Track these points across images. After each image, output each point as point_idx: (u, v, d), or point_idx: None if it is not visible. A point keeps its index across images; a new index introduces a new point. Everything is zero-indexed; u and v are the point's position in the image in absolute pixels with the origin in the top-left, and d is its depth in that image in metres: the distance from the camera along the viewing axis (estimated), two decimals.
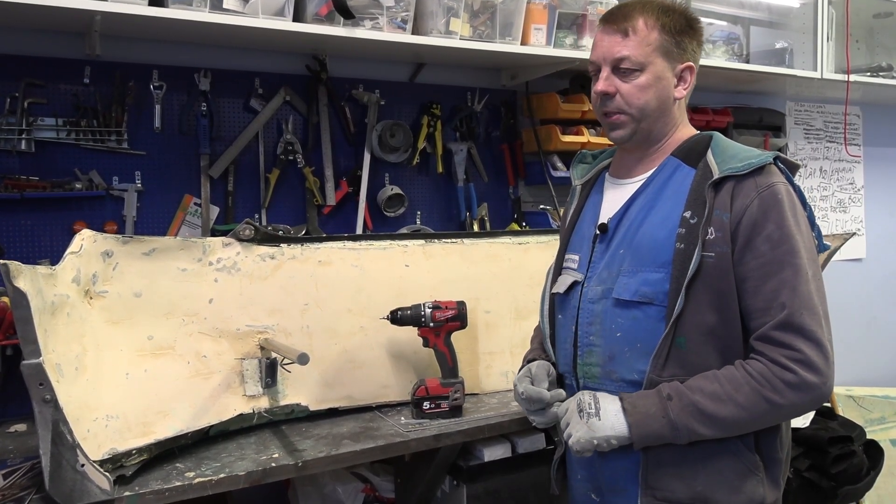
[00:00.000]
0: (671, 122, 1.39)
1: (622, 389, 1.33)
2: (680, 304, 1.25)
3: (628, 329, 1.32)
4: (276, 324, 1.74)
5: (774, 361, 1.20)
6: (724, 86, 2.99)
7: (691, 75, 1.37)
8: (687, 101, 1.42)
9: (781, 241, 1.23)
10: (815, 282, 1.24)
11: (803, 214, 1.29)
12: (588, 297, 1.39)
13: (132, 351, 1.54)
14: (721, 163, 1.31)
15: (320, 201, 2.20)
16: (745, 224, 1.25)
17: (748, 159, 1.29)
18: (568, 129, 2.46)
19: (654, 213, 1.34)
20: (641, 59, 1.32)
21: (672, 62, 1.35)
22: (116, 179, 1.96)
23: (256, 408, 1.68)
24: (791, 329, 1.20)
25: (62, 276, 1.40)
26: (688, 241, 1.26)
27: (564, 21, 2.26)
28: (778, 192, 1.26)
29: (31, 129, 1.85)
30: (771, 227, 1.23)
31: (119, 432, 1.42)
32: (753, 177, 1.27)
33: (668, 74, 1.34)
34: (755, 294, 1.23)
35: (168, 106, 2.02)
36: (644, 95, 1.34)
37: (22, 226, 1.86)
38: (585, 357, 1.39)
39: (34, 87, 1.86)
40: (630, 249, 1.34)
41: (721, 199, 1.27)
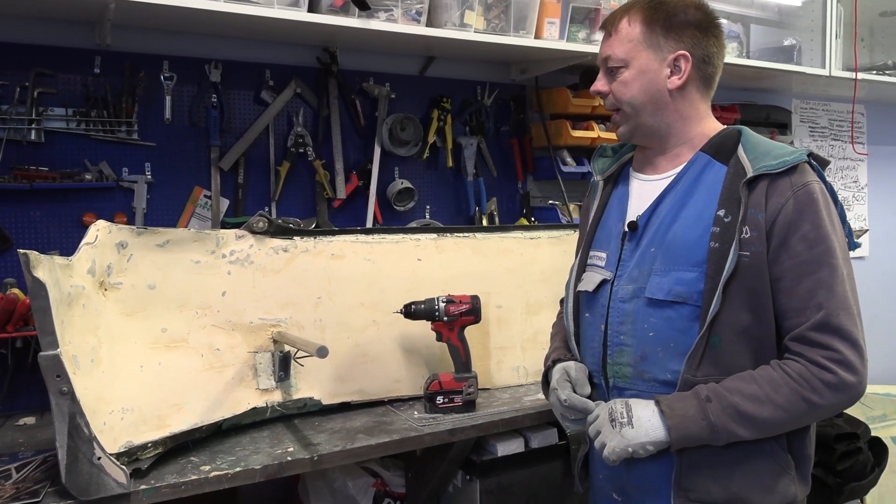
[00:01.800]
0: (677, 115, 1.36)
1: (654, 390, 1.32)
2: (716, 305, 1.23)
3: (661, 329, 1.31)
4: (288, 317, 1.73)
5: (813, 362, 1.20)
6: (731, 83, 2.99)
7: (686, 63, 1.33)
8: (703, 91, 1.38)
9: (818, 241, 1.22)
10: (850, 281, 1.24)
11: (836, 213, 1.28)
12: (619, 297, 1.38)
13: (146, 343, 1.52)
14: (754, 160, 1.29)
15: (330, 194, 2.19)
16: (780, 223, 1.24)
17: (782, 157, 1.26)
18: (578, 124, 2.45)
19: (687, 211, 1.32)
20: (623, 56, 1.33)
21: (660, 53, 1.32)
22: (126, 171, 1.94)
23: (269, 401, 1.67)
24: (829, 330, 1.19)
25: (78, 267, 1.39)
26: (723, 239, 1.25)
27: (577, 15, 2.25)
28: (813, 192, 1.25)
29: (40, 120, 1.83)
30: (807, 227, 1.22)
31: (135, 425, 1.41)
32: (788, 175, 1.26)
33: (656, 66, 1.32)
34: (790, 294, 1.23)
35: (178, 97, 2.00)
36: (628, 90, 1.34)
37: (31, 217, 1.84)
38: (616, 357, 1.38)
39: (44, 76, 1.84)
40: (662, 248, 1.33)
41: (755, 198, 1.25)
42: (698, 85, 1.36)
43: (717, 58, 1.37)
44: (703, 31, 1.35)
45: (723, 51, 1.38)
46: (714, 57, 1.36)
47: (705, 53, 1.34)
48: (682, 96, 1.35)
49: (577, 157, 2.52)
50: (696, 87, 1.36)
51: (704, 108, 1.39)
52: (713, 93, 1.41)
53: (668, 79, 1.33)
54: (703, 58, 1.34)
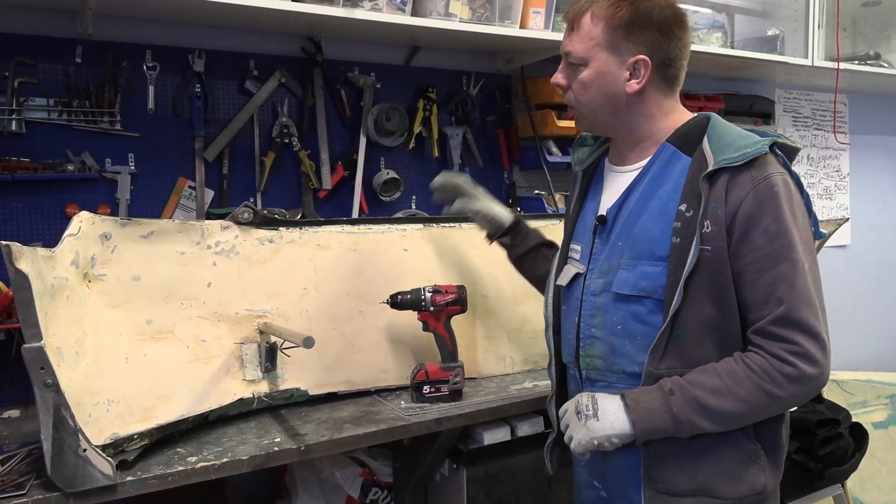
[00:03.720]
0: (638, 115, 1.34)
1: (623, 382, 1.33)
2: (678, 300, 1.23)
3: (628, 322, 1.32)
4: (275, 308, 1.72)
5: (774, 355, 1.20)
6: (715, 73, 3.00)
7: (646, 69, 1.29)
8: (667, 91, 1.34)
9: (778, 235, 1.21)
10: (812, 273, 1.23)
11: (800, 203, 1.26)
12: (590, 290, 1.39)
13: (132, 335, 1.52)
14: (716, 151, 1.26)
15: (316, 185, 2.18)
16: (740, 218, 1.22)
17: (744, 149, 1.24)
18: (563, 114, 2.45)
19: (652, 205, 1.31)
20: (583, 55, 1.30)
21: (620, 56, 1.29)
22: (109, 161, 1.93)
23: (256, 392, 1.67)
24: (789, 324, 1.19)
25: (61, 258, 1.38)
26: (684, 234, 1.24)
27: (563, 4, 2.24)
28: (774, 185, 1.22)
29: (21, 110, 1.81)
30: (767, 221, 1.21)
31: (120, 417, 1.41)
32: (749, 168, 1.23)
33: (615, 69, 1.30)
34: (752, 287, 1.22)
35: (162, 87, 1.98)
36: (587, 92, 1.32)
37: (13, 208, 1.82)
38: (588, 349, 1.39)
39: (25, 66, 1.82)
40: (628, 242, 1.33)
41: (716, 192, 1.23)
42: (660, 86, 1.33)
43: (680, 59, 1.33)
44: (666, 34, 1.30)
45: (687, 49, 1.34)
46: (677, 59, 1.32)
47: (666, 57, 1.31)
48: (642, 99, 1.32)
49: (563, 147, 2.53)
50: (657, 88, 1.33)
51: (670, 105, 1.36)
52: (679, 88, 1.37)
53: (626, 82, 1.30)
54: (664, 61, 1.31)
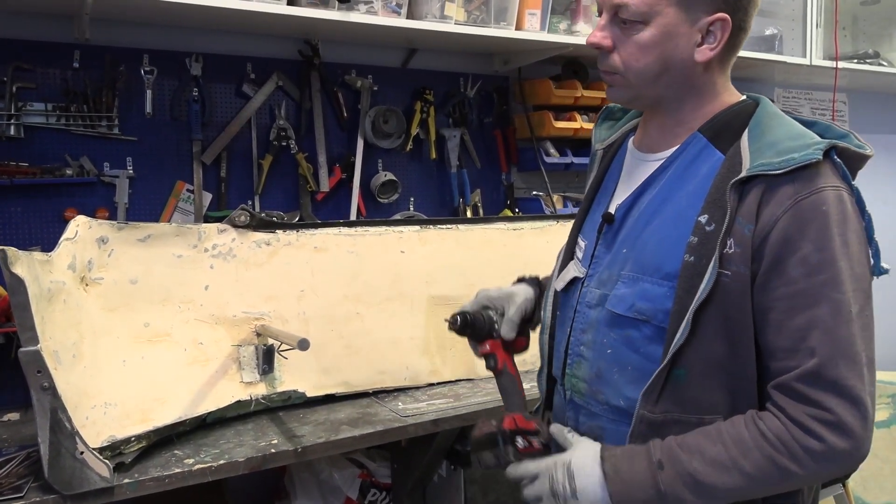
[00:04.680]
0: (694, 91, 1.08)
1: (608, 415, 1.11)
2: (683, 333, 0.99)
3: (619, 348, 1.08)
4: (272, 310, 1.73)
5: (796, 421, 0.94)
6: None
7: (724, 31, 1.03)
8: (728, 62, 1.10)
9: (820, 268, 0.95)
10: (861, 320, 0.96)
11: (858, 230, 0.99)
12: (586, 300, 1.16)
13: (129, 338, 1.53)
14: (755, 152, 1.01)
15: (314, 187, 2.19)
16: (773, 240, 0.97)
17: (789, 153, 0.97)
18: (561, 115, 2.46)
19: (666, 209, 1.07)
20: (645, 9, 1.02)
21: (693, 13, 1.02)
22: (107, 165, 1.94)
23: (254, 394, 1.68)
24: (821, 382, 0.94)
25: (58, 262, 1.39)
26: (700, 253, 1.00)
27: (558, 6, 2.25)
28: (823, 202, 0.96)
29: (20, 115, 1.82)
30: (808, 248, 0.95)
31: (117, 419, 1.41)
32: (792, 179, 0.97)
33: (685, 29, 1.03)
34: (779, 330, 0.97)
35: (159, 91, 1.99)
36: (644, 57, 1.05)
37: (12, 213, 1.83)
38: (574, 368, 1.17)
39: (23, 71, 1.83)
40: (633, 251, 1.09)
41: (746, 205, 0.99)
42: (724, 55, 1.07)
43: (751, 19, 1.08)
44: None
45: (757, 9, 1.09)
46: (750, 19, 1.08)
47: (745, 18, 1.06)
48: (708, 71, 1.07)
49: (560, 148, 2.53)
50: (723, 58, 1.07)
51: (723, 81, 1.11)
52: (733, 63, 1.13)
53: (696, 48, 1.04)
54: (741, 24, 1.05)
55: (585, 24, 2.28)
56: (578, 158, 2.53)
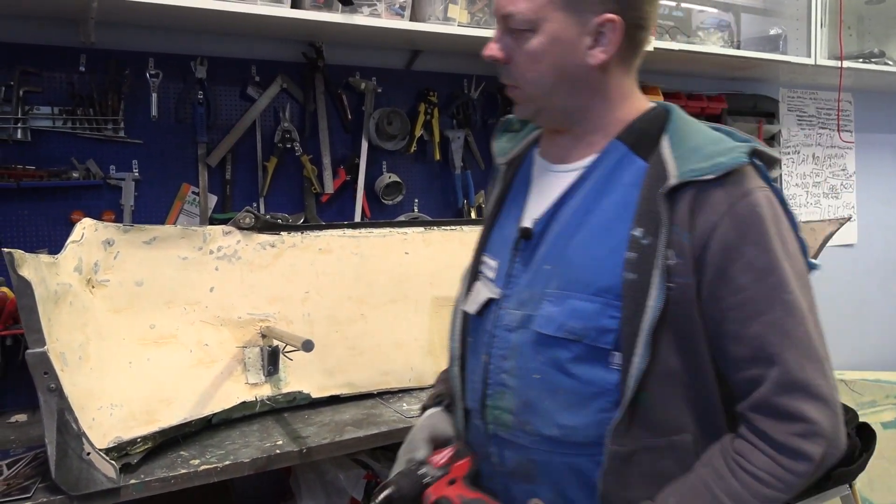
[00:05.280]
0: (598, 96, 1.03)
1: (538, 445, 1.03)
2: (645, 356, 0.94)
3: (549, 372, 1.01)
4: (277, 312, 1.74)
5: (781, 448, 0.90)
6: (719, 72, 3.00)
7: (615, 32, 0.99)
8: (631, 63, 1.05)
9: (767, 271, 0.93)
10: (812, 316, 0.95)
11: (789, 228, 0.98)
12: (504, 324, 1.07)
13: (135, 339, 1.54)
14: (680, 158, 0.97)
15: (318, 189, 2.20)
16: (714, 248, 0.93)
17: (715, 157, 0.95)
18: None
19: (591, 221, 1.01)
20: (531, 16, 0.98)
21: (580, 15, 0.98)
22: (114, 168, 1.95)
23: (259, 395, 1.68)
24: (793, 390, 0.90)
25: (64, 264, 1.40)
26: (641, 269, 0.95)
27: None
28: (757, 204, 0.94)
29: (26, 118, 1.83)
30: (751, 253, 0.93)
31: (123, 421, 1.42)
32: (722, 184, 0.94)
33: (575, 33, 0.99)
34: (737, 339, 0.94)
35: (164, 94, 2.00)
36: (536, 66, 1.00)
37: (19, 215, 1.85)
38: (496, 399, 1.07)
39: (29, 75, 1.84)
40: (559, 267, 1.02)
41: (680, 213, 0.94)
42: (625, 58, 1.03)
43: (652, 17, 1.04)
44: None
45: (657, 6, 1.07)
46: (649, 17, 1.03)
47: (639, 16, 1.01)
48: (605, 75, 1.02)
49: None
50: (622, 60, 1.03)
51: (629, 84, 1.06)
52: (640, 60, 1.08)
53: (588, 51, 1.00)
54: (637, 21, 1.01)
55: None
56: None
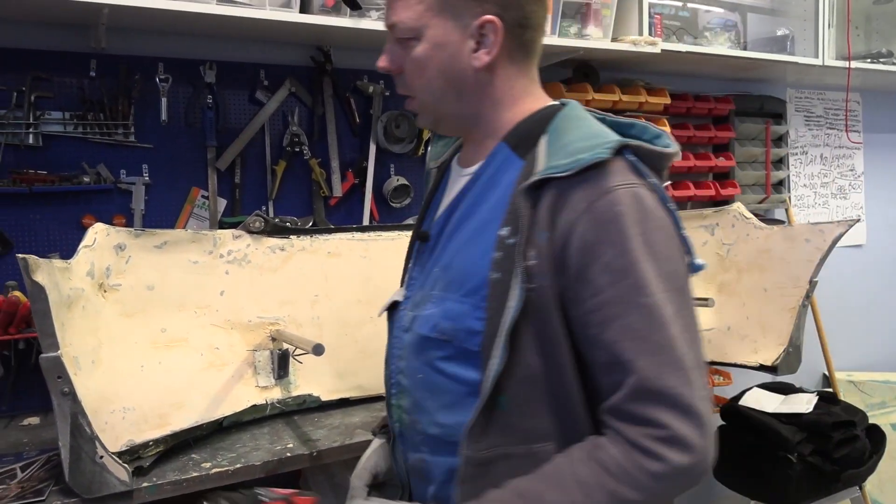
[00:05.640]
0: (488, 100, 1.03)
1: (426, 445, 1.05)
2: (502, 358, 0.92)
3: (427, 372, 1.02)
4: (286, 315, 1.75)
5: (635, 444, 0.86)
6: (725, 73, 3.00)
7: (496, 34, 0.98)
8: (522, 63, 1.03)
9: (623, 273, 0.88)
10: (681, 320, 0.88)
11: (663, 226, 0.92)
12: (401, 325, 1.10)
13: (146, 343, 1.55)
14: (550, 155, 0.96)
15: (327, 193, 2.21)
16: (574, 248, 0.90)
17: (578, 153, 0.92)
18: None
19: (471, 223, 1.02)
20: (412, 24, 0.99)
21: (460, 19, 0.98)
22: (124, 173, 1.96)
23: (269, 398, 1.69)
24: (648, 397, 0.86)
25: (77, 269, 1.41)
26: (504, 268, 0.93)
27: (568, 10, 2.26)
28: (617, 202, 0.89)
29: (38, 123, 1.85)
30: (609, 253, 0.88)
31: (136, 424, 1.43)
32: (583, 181, 0.91)
33: (457, 37, 0.98)
34: (596, 344, 0.90)
35: (174, 98, 2.02)
36: (423, 73, 1.00)
37: (30, 220, 1.86)
38: (397, 398, 1.11)
39: (40, 80, 1.86)
40: (442, 269, 1.04)
41: (541, 212, 0.92)
42: (514, 57, 1.01)
43: (537, 16, 1.02)
44: None
45: (545, 5, 1.03)
46: (534, 15, 1.01)
47: (521, 15, 0.99)
48: (493, 75, 1.01)
49: None
50: (510, 60, 1.01)
51: (523, 85, 1.04)
52: (537, 60, 1.06)
53: (472, 54, 0.99)
54: (519, 20, 0.99)
55: (596, 28, 2.28)
56: None
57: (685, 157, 2.81)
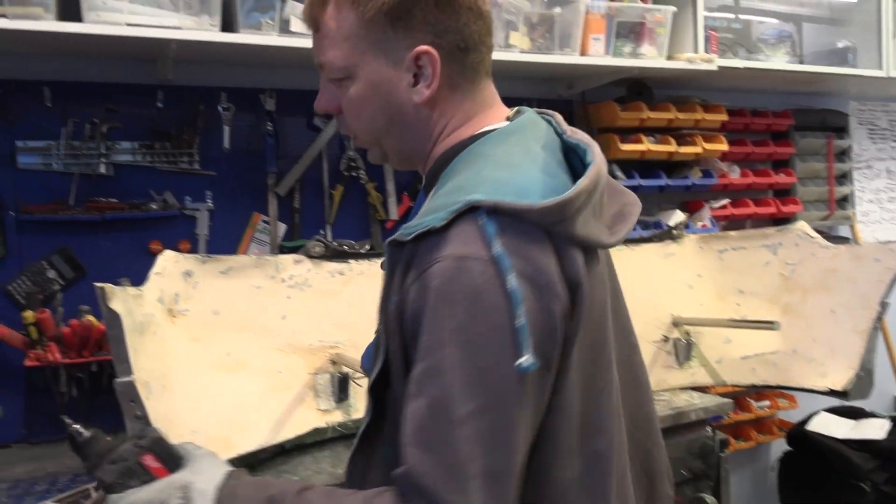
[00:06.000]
0: (432, 133, 0.94)
1: None
2: (368, 413, 0.89)
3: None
4: (346, 339, 1.77)
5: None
6: (783, 88, 2.94)
7: (434, 64, 0.88)
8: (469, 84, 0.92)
9: (427, 354, 0.78)
10: (481, 422, 0.76)
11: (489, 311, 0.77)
12: None
13: (212, 367, 1.59)
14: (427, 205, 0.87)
15: (383, 216, 2.24)
16: (407, 317, 0.81)
17: (427, 214, 0.83)
18: (627, 138, 2.44)
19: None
20: (343, 63, 0.90)
21: (393, 54, 0.89)
22: (189, 199, 2.03)
23: (329, 422, 1.71)
24: (412, 491, 0.76)
25: (148, 296, 1.46)
26: (380, 326, 0.88)
27: (622, 29, 2.25)
28: (437, 275, 0.78)
29: (109, 153, 1.93)
30: (425, 329, 0.79)
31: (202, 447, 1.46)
32: (427, 242, 0.81)
33: (392, 73, 0.89)
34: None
35: (236, 126, 2.08)
36: (363, 113, 0.93)
37: (102, 246, 1.94)
38: None
39: (112, 112, 1.94)
40: None
41: (397, 274, 0.84)
42: (458, 83, 0.91)
43: (478, 34, 0.91)
44: (448, 4, 0.89)
45: (485, 19, 0.92)
46: (474, 35, 0.90)
47: (459, 38, 0.89)
48: (435, 107, 0.92)
49: (627, 171, 2.51)
50: (453, 88, 0.91)
51: (466, 111, 0.93)
52: (486, 78, 0.96)
53: (411, 89, 0.90)
54: (458, 44, 0.89)
55: (650, 46, 2.27)
56: (646, 181, 2.51)
57: (744, 175, 2.75)
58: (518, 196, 0.79)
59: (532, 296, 0.77)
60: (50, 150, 1.87)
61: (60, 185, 1.89)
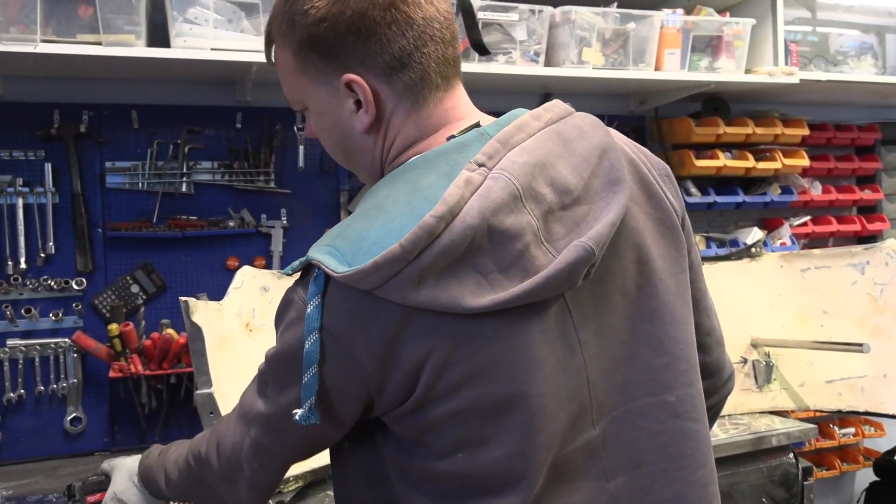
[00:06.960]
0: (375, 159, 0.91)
1: None
2: None
3: None
4: None
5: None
6: (868, 100, 2.82)
7: (364, 91, 0.84)
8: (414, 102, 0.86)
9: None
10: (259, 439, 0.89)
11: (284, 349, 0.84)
12: None
13: None
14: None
15: None
16: None
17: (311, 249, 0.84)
18: (702, 153, 2.38)
19: None
20: (295, 97, 0.91)
21: (328, 82, 0.86)
22: (264, 217, 2.08)
23: None
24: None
25: (227, 310, 1.50)
26: None
27: (699, 44, 2.20)
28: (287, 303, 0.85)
29: (190, 173, 2.00)
30: None
31: None
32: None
33: (333, 103, 0.87)
34: None
35: (311, 146, 2.12)
36: (325, 141, 0.93)
37: (182, 262, 2.01)
38: None
39: (193, 133, 2.01)
40: None
41: None
42: (398, 102, 0.86)
43: (408, 52, 0.84)
44: (368, 28, 0.82)
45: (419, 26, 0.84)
46: (407, 48, 0.84)
47: (388, 57, 0.83)
48: (380, 131, 0.88)
49: (702, 187, 2.45)
50: (395, 110, 0.86)
51: (416, 129, 0.87)
52: (439, 92, 0.87)
53: (354, 115, 0.86)
54: (389, 64, 0.84)
55: (728, 60, 2.21)
56: (722, 197, 2.43)
57: (826, 191, 2.65)
58: (362, 254, 0.75)
59: (331, 357, 0.79)
60: (136, 170, 1.96)
61: (144, 204, 1.97)
